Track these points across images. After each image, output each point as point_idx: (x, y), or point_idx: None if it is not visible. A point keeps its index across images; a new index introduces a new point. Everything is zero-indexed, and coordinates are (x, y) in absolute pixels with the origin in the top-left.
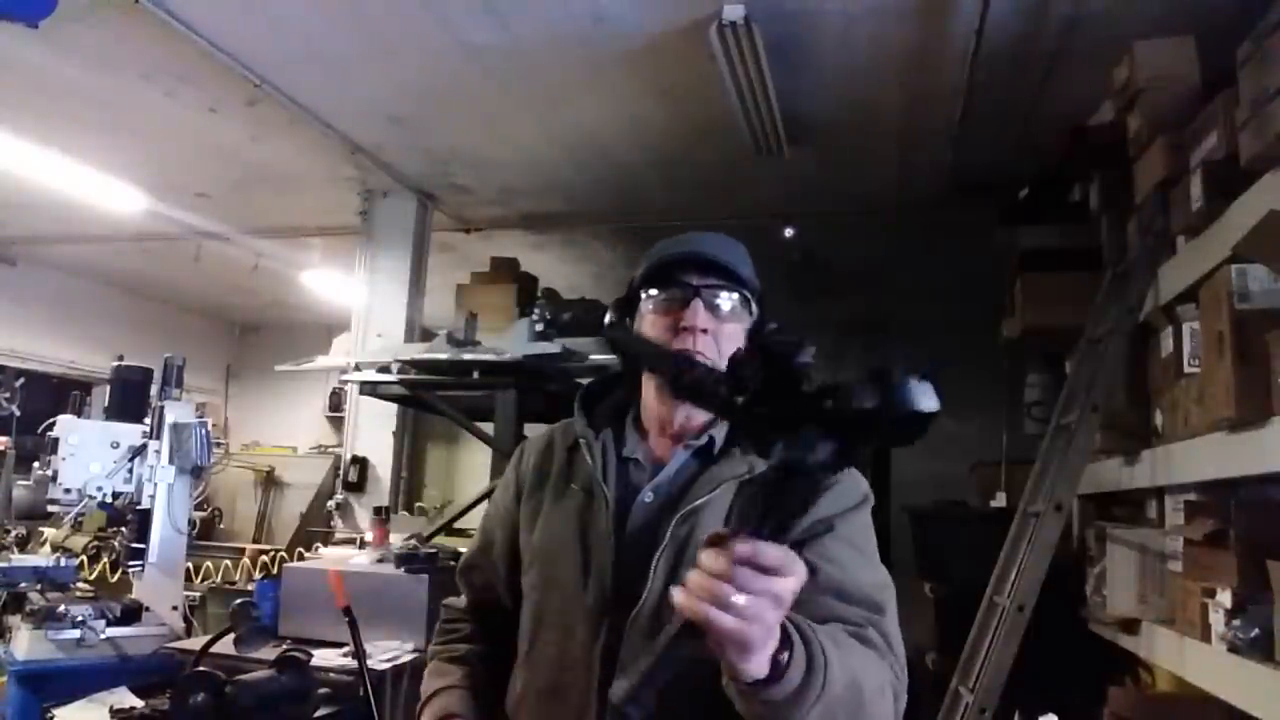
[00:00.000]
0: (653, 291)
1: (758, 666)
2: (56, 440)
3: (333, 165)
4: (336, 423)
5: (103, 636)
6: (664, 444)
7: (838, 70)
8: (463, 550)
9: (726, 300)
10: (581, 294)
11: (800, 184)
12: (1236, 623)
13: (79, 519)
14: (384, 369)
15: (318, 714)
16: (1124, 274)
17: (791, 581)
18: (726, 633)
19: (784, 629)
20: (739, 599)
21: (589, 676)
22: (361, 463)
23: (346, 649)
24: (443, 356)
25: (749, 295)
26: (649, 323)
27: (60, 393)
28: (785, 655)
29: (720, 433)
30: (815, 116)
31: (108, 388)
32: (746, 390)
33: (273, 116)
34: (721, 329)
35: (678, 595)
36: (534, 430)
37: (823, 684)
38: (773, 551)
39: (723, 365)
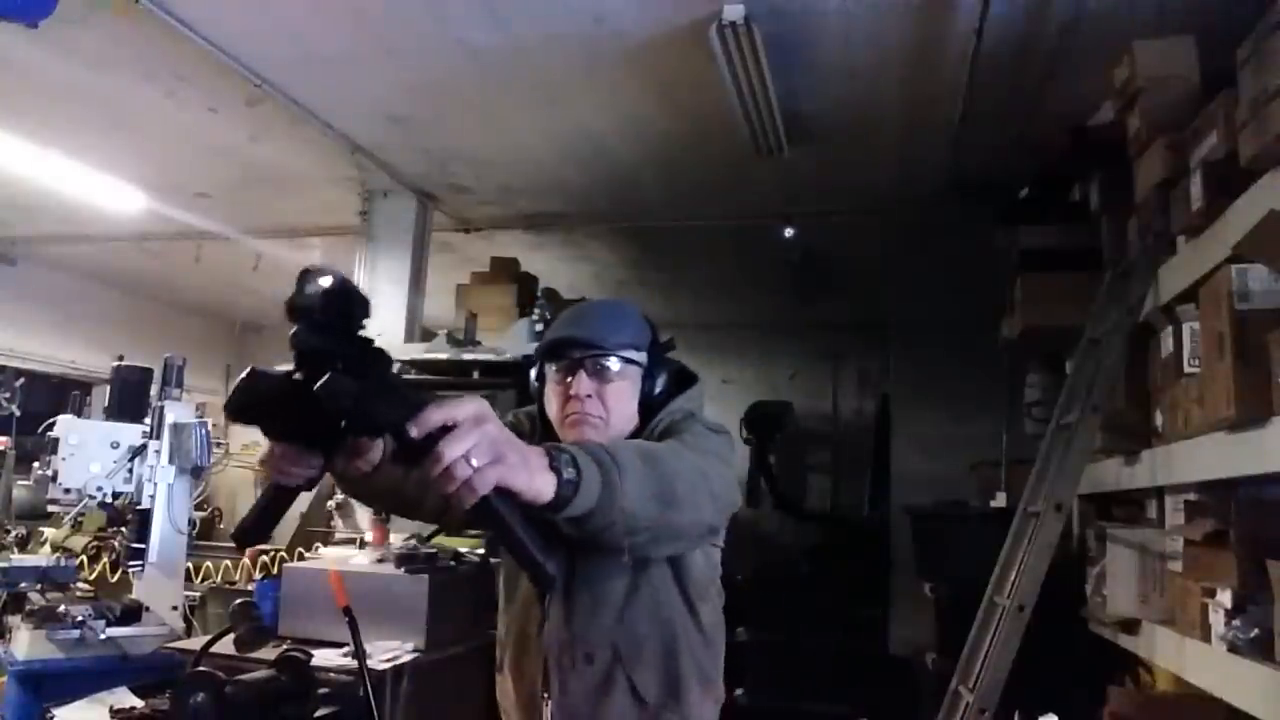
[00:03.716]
0: (549, 365)
1: (541, 484)
2: (56, 440)
3: (333, 165)
4: None
5: (103, 636)
6: None
7: (838, 70)
8: (463, 550)
9: (609, 365)
10: (581, 294)
11: (800, 184)
12: (1236, 623)
13: (79, 519)
14: None
15: (318, 714)
16: (1124, 274)
17: (461, 410)
18: (490, 479)
19: (557, 453)
20: (460, 461)
21: (538, 622)
22: None
23: (346, 649)
24: (443, 356)
25: (632, 355)
26: (550, 389)
27: (60, 393)
28: (570, 471)
29: None
30: (815, 116)
31: (108, 388)
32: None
33: (273, 116)
34: (606, 390)
35: (464, 502)
36: None
37: (618, 467)
38: (430, 417)
39: (611, 420)
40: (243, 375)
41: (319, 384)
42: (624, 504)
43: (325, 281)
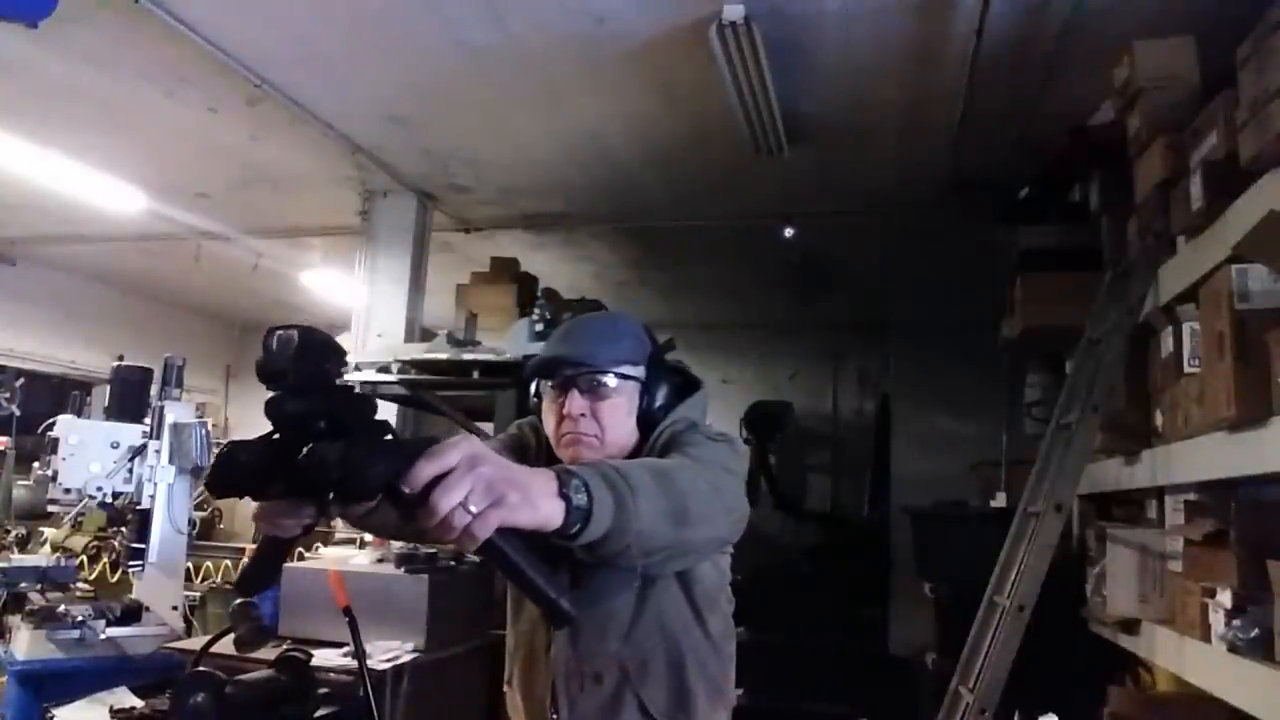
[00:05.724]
0: (543, 383)
1: (548, 514)
2: (56, 440)
3: (333, 165)
4: None
5: (103, 636)
6: None
7: (838, 70)
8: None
9: (604, 382)
10: (581, 294)
11: (800, 184)
12: (1236, 623)
13: (79, 519)
14: (384, 369)
15: (318, 714)
16: (1124, 274)
17: (453, 456)
18: (491, 523)
19: (567, 478)
20: (457, 510)
21: (544, 643)
22: None
23: (346, 649)
24: (443, 356)
25: (628, 370)
26: (546, 406)
27: (60, 393)
28: (580, 497)
29: None
30: (815, 116)
31: (108, 388)
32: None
33: (273, 116)
34: (600, 407)
35: (467, 548)
36: None
37: (631, 490)
38: (421, 471)
39: (607, 437)
40: (221, 450)
41: (302, 456)
42: (639, 526)
43: (293, 339)
